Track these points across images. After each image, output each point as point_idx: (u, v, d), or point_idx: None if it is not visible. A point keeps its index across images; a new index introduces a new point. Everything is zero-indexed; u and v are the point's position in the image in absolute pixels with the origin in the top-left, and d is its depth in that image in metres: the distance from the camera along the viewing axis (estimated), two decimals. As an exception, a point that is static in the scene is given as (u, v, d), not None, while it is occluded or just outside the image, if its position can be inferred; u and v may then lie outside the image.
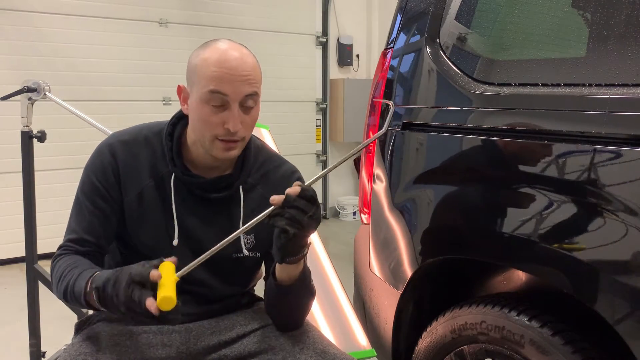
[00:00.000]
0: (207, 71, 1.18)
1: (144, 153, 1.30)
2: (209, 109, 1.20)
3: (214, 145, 1.22)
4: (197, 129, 1.24)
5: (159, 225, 1.29)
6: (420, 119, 1.68)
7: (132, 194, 1.29)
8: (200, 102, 1.20)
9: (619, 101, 1.19)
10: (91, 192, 1.29)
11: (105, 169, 1.29)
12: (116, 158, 1.29)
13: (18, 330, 2.96)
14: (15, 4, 4.42)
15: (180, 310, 1.07)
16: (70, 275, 1.20)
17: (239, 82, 1.19)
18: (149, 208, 1.29)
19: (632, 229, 1.15)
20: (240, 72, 1.19)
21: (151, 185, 1.29)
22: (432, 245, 1.64)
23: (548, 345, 1.32)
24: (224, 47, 1.21)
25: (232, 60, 1.19)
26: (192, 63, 1.23)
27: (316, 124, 6.21)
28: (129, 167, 1.29)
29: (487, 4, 1.64)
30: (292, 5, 5.83)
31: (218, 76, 1.18)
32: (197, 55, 1.23)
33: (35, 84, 2.28)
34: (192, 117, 1.25)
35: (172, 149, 1.29)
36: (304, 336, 1.32)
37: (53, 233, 4.37)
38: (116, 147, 1.30)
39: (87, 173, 1.31)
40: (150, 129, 1.34)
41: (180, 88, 1.27)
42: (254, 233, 1.34)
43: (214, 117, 1.20)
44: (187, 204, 1.30)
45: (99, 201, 1.29)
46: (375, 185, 1.82)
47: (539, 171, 1.34)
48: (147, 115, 4.79)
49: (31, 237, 2.40)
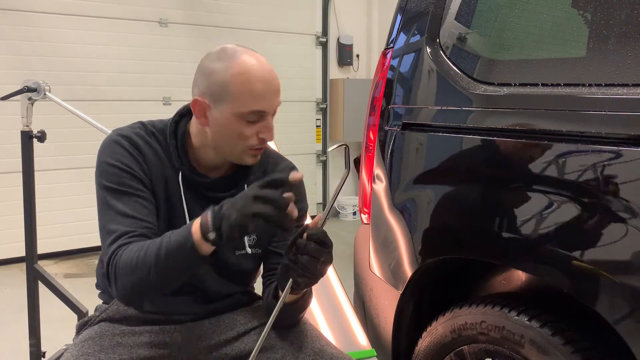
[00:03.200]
0: (245, 90, 1.16)
1: (153, 149, 1.27)
2: (244, 124, 1.19)
3: (245, 154, 1.23)
4: (225, 142, 1.22)
5: (165, 223, 1.27)
6: (420, 119, 1.68)
7: (159, 184, 1.25)
8: (236, 119, 1.18)
9: (619, 101, 1.19)
10: (124, 178, 1.19)
11: (130, 153, 1.22)
12: (138, 147, 1.23)
13: (18, 330, 2.95)
14: (15, 4, 4.42)
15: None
16: (156, 244, 1.09)
17: (273, 96, 1.20)
18: (159, 205, 1.27)
19: (632, 229, 1.15)
20: (275, 86, 1.20)
21: (161, 183, 1.27)
22: (432, 245, 1.64)
23: (548, 345, 1.32)
24: (252, 62, 1.18)
25: (265, 75, 1.18)
26: (218, 78, 1.17)
27: (316, 124, 6.21)
28: (150, 155, 1.25)
29: (487, 4, 1.64)
30: (292, 5, 5.82)
31: (258, 93, 1.17)
32: (224, 69, 1.17)
33: (35, 84, 2.28)
34: (216, 131, 1.21)
35: (177, 147, 1.27)
36: (302, 335, 1.33)
37: (53, 233, 4.41)
38: (132, 137, 1.24)
39: (109, 163, 1.21)
40: (152, 125, 1.31)
41: (198, 102, 1.20)
42: (256, 230, 1.35)
43: (249, 130, 1.20)
44: (195, 203, 1.29)
45: (136, 184, 1.20)
46: (375, 185, 1.82)
47: (539, 171, 1.34)
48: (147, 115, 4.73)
49: (31, 237, 2.39)
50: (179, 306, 1.34)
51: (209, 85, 1.18)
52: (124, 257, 1.12)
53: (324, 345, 1.31)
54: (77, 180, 4.62)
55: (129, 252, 1.12)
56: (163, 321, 1.32)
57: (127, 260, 1.11)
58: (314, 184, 6.20)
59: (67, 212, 4.66)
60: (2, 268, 4.40)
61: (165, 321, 1.32)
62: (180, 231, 1.10)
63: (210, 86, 1.18)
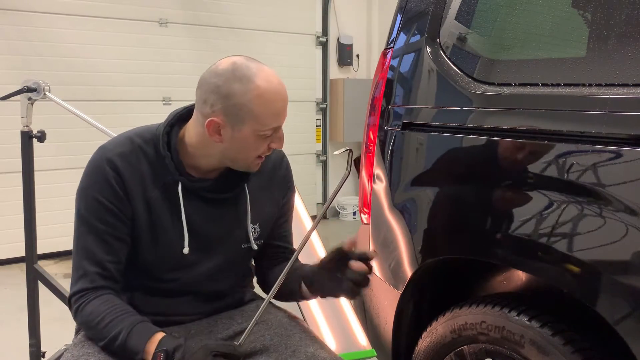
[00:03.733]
0: (266, 111, 1.20)
1: (143, 163, 1.27)
2: (262, 140, 1.23)
3: (253, 163, 1.27)
4: (241, 155, 1.25)
5: (169, 234, 1.28)
6: (420, 119, 1.68)
7: (140, 206, 1.25)
8: (256, 137, 1.22)
9: (619, 101, 1.19)
10: (101, 213, 1.23)
11: (110, 185, 1.23)
12: (119, 172, 1.24)
13: (18, 330, 2.95)
14: (15, 4, 4.42)
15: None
16: (117, 326, 1.18)
17: (285, 109, 1.25)
18: (158, 219, 1.27)
19: (632, 229, 1.15)
20: (287, 99, 1.25)
21: (157, 195, 1.27)
22: (432, 245, 1.64)
23: (548, 345, 1.32)
24: (269, 81, 1.21)
25: (280, 92, 1.23)
26: (238, 101, 1.18)
27: (316, 124, 6.21)
28: (133, 179, 1.25)
29: (487, 4, 1.64)
30: (292, 5, 5.82)
31: (278, 113, 1.22)
32: (241, 93, 1.18)
33: (35, 84, 2.28)
34: (233, 147, 1.23)
35: (172, 158, 1.27)
36: (295, 338, 1.34)
37: (53, 233, 4.40)
38: (116, 161, 1.24)
39: (89, 194, 1.24)
40: (140, 136, 1.29)
41: (213, 122, 1.20)
42: (259, 222, 1.38)
43: (264, 143, 1.24)
44: (196, 208, 1.30)
45: (113, 220, 1.24)
46: (375, 185, 1.82)
47: (539, 171, 1.34)
48: (147, 115, 4.79)
49: (31, 237, 2.40)
50: (180, 307, 1.34)
51: (227, 107, 1.19)
52: (85, 314, 1.22)
53: (317, 349, 1.31)
54: (77, 180, 4.56)
55: (90, 313, 1.21)
56: (163, 322, 1.32)
57: (86, 320, 1.22)
58: (314, 184, 6.20)
59: (67, 212, 4.60)
60: (2, 268, 4.40)
61: (165, 322, 1.32)
62: (136, 342, 1.17)
63: (228, 107, 1.19)
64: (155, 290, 1.32)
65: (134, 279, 1.31)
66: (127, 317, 1.20)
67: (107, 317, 1.19)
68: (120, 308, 1.22)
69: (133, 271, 1.30)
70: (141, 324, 1.20)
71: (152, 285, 1.31)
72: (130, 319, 1.20)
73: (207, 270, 1.32)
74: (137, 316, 1.22)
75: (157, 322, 1.31)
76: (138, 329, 1.18)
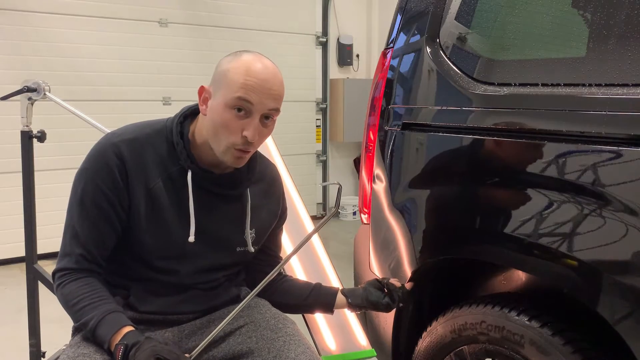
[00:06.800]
0: (239, 78, 1.20)
1: (149, 151, 1.28)
2: (231, 115, 1.21)
3: (228, 152, 1.24)
4: (215, 132, 1.24)
5: (172, 223, 1.29)
6: (420, 119, 1.68)
7: (141, 195, 1.26)
8: (225, 107, 1.21)
9: (619, 101, 1.19)
10: (97, 197, 1.24)
11: (111, 172, 1.24)
12: (123, 159, 1.25)
13: (18, 330, 2.96)
14: (15, 4, 4.42)
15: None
16: (90, 312, 1.21)
17: (266, 95, 1.22)
18: (160, 207, 1.28)
19: (632, 229, 1.15)
20: (270, 85, 1.22)
21: (160, 184, 1.28)
22: (431, 245, 1.64)
23: (548, 345, 1.32)
24: (257, 60, 1.24)
25: (264, 73, 1.22)
26: (222, 68, 1.24)
27: (316, 124, 6.21)
28: (136, 167, 1.26)
29: (487, 4, 1.64)
30: (292, 5, 5.82)
31: (249, 84, 1.20)
32: (230, 61, 1.24)
33: (35, 84, 2.28)
34: (210, 119, 1.24)
35: (184, 146, 1.29)
36: (279, 342, 1.34)
37: (53, 233, 4.38)
38: (121, 147, 1.26)
39: (88, 177, 1.26)
40: (151, 126, 1.32)
41: (203, 89, 1.26)
42: (255, 228, 1.40)
43: (235, 123, 1.22)
44: (203, 200, 1.31)
45: (107, 207, 1.25)
46: (375, 185, 1.82)
47: (539, 171, 1.34)
48: (147, 115, 4.74)
49: (31, 237, 2.40)
50: (177, 306, 1.35)
51: (214, 75, 1.25)
52: (65, 292, 1.25)
53: (299, 353, 1.31)
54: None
55: (69, 293, 1.24)
56: (160, 321, 1.32)
57: (65, 299, 1.25)
58: (314, 184, 6.20)
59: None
60: (2, 268, 4.40)
61: (162, 321, 1.32)
62: (104, 331, 1.19)
63: (214, 75, 1.25)
64: (154, 285, 1.32)
65: (134, 273, 1.31)
66: (101, 305, 1.22)
67: (83, 301, 1.22)
68: (98, 294, 1.23)
69: (133, 263, 1.30)
70: (112, 314, 1.21)
71: (150, 279, 1.31)
72: (103, 307, 1.21)
73: (206, 265, 1.34)
74: (111, 305, 1.23)
75: (155, 321, 1.32)
76: (108, 319, 1.20)
